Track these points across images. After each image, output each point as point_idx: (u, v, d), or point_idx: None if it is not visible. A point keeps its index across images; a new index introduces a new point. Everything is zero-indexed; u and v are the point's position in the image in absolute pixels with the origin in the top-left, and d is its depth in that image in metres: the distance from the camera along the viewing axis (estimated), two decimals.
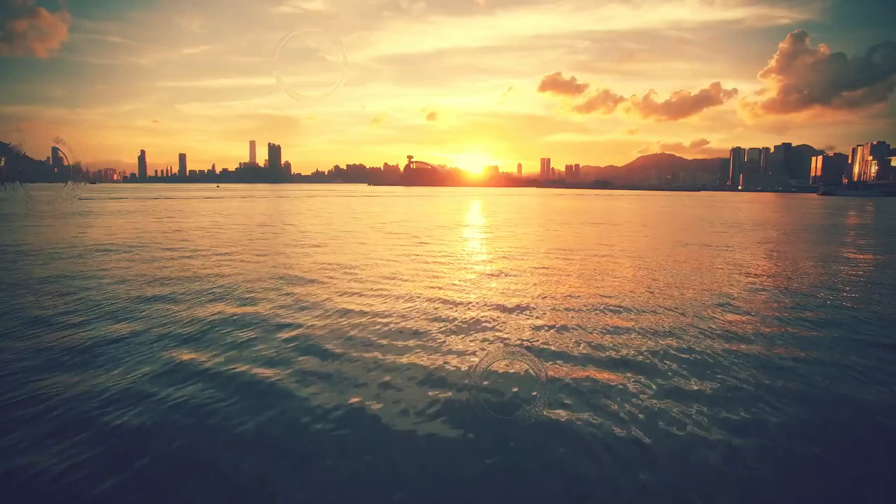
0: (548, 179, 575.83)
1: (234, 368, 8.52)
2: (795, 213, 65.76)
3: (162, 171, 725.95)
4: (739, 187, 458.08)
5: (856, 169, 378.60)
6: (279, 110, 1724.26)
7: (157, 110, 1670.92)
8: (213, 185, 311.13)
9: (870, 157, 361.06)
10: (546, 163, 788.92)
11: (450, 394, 7.62)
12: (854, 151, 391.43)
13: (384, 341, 10.01)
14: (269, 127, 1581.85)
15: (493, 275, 17.60)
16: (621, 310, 12.62)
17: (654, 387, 7.91)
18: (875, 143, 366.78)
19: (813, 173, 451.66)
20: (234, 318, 11.51)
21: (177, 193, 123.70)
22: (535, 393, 7.64)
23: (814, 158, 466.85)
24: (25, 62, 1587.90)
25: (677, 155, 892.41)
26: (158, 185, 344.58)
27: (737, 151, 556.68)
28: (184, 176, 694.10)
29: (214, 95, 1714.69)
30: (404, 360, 9.02)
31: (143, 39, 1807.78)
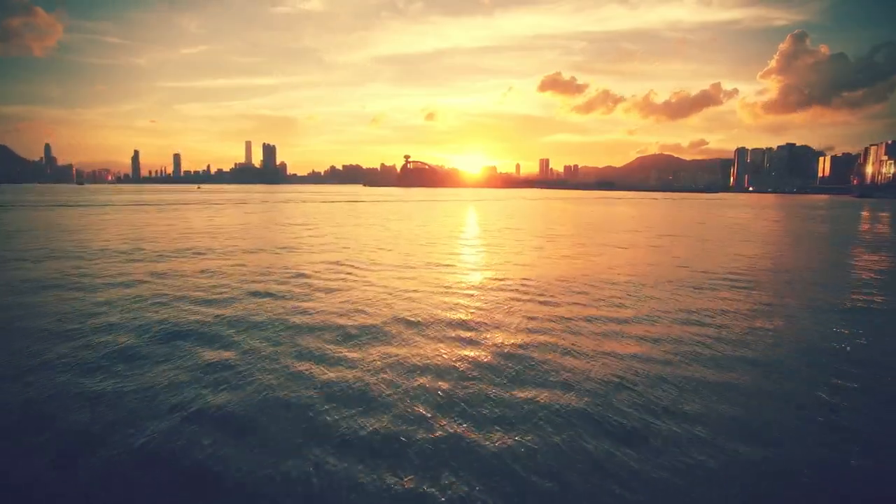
0: (547, 180, 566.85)
1: None
2: None
3: (156, 171, 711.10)
4: (750, 189, 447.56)
5: (868, 169, 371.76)
6: (279, 110, 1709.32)
7: (156, 110, 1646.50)
8: (194, 186, 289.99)
9: (885, 157, 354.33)
10: (545, 163, 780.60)
11: None
12: (866, 151, 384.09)
13: None
14: (268, 127, 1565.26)
15: None
16: None
17: None
18: (889, 142, 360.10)
19: (820, 174, 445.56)
20: None
21: (124, 198, 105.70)
22: None
23: (821, 159, 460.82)
24: (24, 61, 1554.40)
25: (675, 155, 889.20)
26: (130, 186, 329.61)
27: (741, 152, 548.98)
28: (178, 176, 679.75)
29: (213, 95, 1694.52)
30: None
31: (142, 39, 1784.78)
